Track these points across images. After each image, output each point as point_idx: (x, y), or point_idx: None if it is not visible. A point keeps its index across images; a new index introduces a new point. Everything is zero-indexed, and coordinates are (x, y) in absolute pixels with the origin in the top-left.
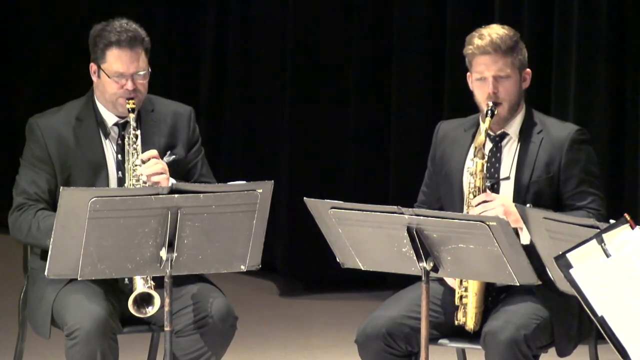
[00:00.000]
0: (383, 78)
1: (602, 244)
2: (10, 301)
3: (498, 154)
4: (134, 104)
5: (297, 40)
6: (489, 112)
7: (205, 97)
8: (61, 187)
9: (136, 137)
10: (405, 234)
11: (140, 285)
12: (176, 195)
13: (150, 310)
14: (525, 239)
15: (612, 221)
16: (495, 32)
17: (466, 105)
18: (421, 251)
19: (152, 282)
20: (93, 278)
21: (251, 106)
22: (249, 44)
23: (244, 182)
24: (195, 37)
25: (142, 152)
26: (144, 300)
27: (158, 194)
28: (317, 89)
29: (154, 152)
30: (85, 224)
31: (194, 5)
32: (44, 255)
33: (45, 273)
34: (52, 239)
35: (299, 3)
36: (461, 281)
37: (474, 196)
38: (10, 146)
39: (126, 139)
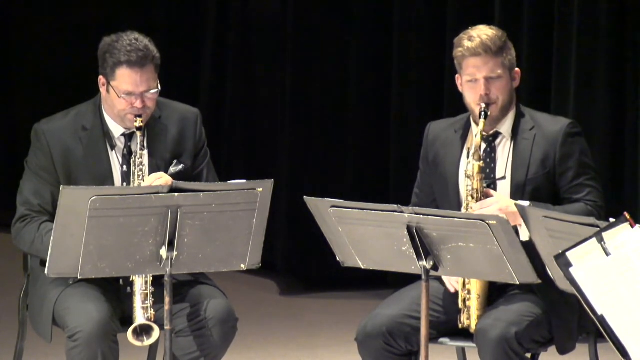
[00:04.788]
0: (383, 78)
1: (602, 243)
2: (10, 301)
3: (492, 154)
4: (141, 122)
5: (297, 40)
6: (482, 113)
7: (205, 97)
8: (61, 186)
9: (142, 156)
10: (405, 232)
11: (141, 317)
12: (176, 194)
13: (149, 341)
14: (524, 235)
15: (612, 220)
16: (484, 33)
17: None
18: (421, 250)
19: (152, 312)
20: (93, 277)
21: (251, 106)
22: (249, 44)
23: (244, 180)
24: (195, 37)
25: (148, 164)
26: (144, 330)
27: (158, 193)
28: (317, 88)
29: (153, 177)
30: (86, 222)
31: (194, 5)
32: (44, 262)
33: (46, 272)
34: (52, 238)
35: (299, 3)
36: (464, 284)
37: (473, 198)
38: (11, 145)
39: (132, 159)
